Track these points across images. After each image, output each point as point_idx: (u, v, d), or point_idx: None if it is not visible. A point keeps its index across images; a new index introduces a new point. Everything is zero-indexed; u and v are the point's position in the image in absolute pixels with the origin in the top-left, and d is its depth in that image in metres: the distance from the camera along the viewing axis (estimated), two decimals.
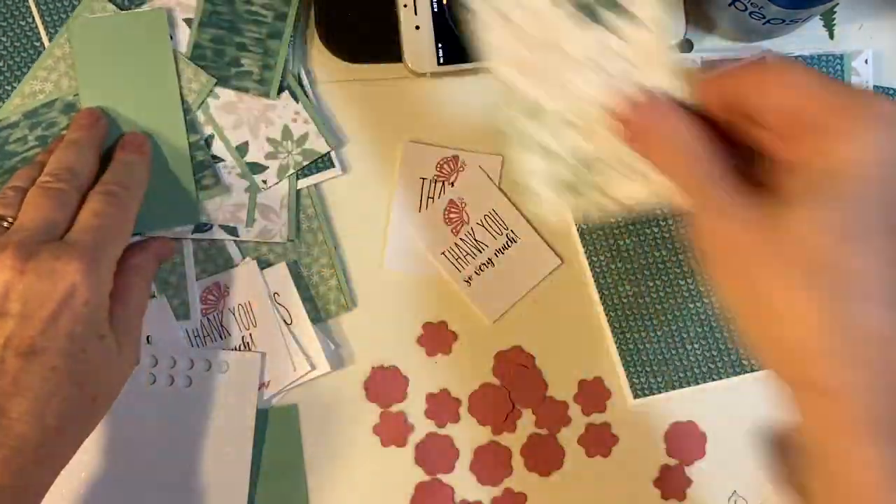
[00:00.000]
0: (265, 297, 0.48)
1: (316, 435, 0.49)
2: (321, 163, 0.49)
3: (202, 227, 0.47)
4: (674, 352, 0.49)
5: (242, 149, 0.48)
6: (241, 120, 0.48)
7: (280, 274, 0.48)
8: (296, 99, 0.48)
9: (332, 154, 0.49)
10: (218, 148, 0.48)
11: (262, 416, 0.48)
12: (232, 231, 0.48)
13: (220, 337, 0.48)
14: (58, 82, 0.47)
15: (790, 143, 0.29)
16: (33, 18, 0.47)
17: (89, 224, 0.41)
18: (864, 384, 0.27)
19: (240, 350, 0.48)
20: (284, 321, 0.48)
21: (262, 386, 0.48)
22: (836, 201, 0.27)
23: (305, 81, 0.49)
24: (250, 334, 0.48)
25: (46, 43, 0.47)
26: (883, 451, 0.27)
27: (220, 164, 0.47)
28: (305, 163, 0.48)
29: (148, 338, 0.48)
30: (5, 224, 0.41)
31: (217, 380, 0.48)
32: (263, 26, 0.47)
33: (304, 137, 0.48)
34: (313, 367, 0.48)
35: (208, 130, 0.48)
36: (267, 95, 0.48)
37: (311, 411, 0.49)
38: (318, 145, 0.48)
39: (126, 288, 0.43)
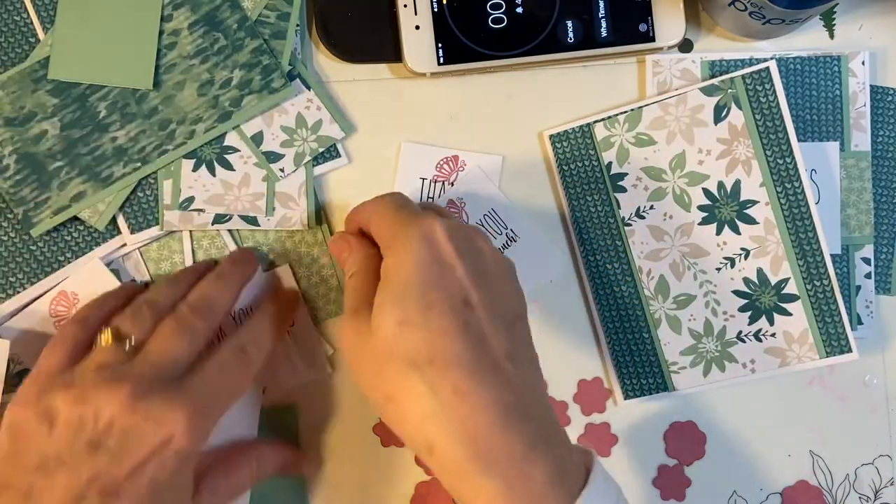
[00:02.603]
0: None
1: (316, 435, 0.49)
2: (327, 153, 0.49)
3: (222, 218, 0.47)
4: (662, 355, 0.49)
5: (257, 138, 0.47)
6: None
7: (284, 276, 0.48)
8: (308, 86, 0.48)
9: (338, 144, 0.49)
10: (232, 138, 0.47)
11: (261, 415, 0.48)
12: (252, 221, 0.47)
13: (219, 340, 0.48)
14: None
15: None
16: (28, 13, 0.47)
17: (213, 379, 0.40)
18: (458, 435, 0.35)
19: None
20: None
21: (263, 389, 0.48)
22: (390, 298, 0.36)
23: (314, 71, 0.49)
24: None
25: (41, 37, 0.47)
26: (491, 480, 0.34)
27: (236, 154, 0.47)
28: (321, 149, 0.48)
29: None
30: (127, 346, 0.40)
31: None
32: (267, 27, 0.47)
33: (319, 124, 0.48)
34: (315, 368, 0.48)
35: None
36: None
37: (312, 411, 0.49)
38: (333, 131, 0.48)
39: (229, 465, 0.42)
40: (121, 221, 0.47)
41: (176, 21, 0.47)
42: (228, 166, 0.47)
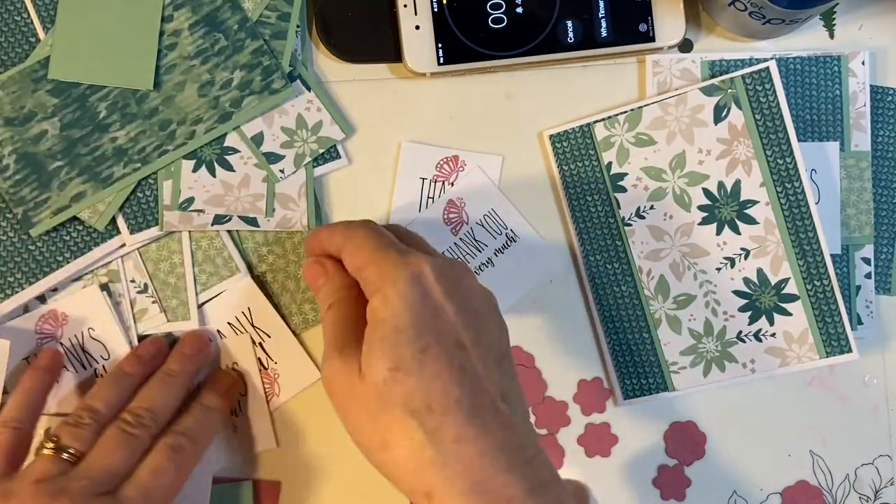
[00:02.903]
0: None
1: (318, 435, 0.49)
2: (327, 154, 0.49)
3: (222, 219, 0.47)
4: (662, 355, 0.49)
5: (258, 139, 0.47)
6: None
7: (251, 293, 0.48)
8: (308, 88, 0.48)
9: (338, 145, 0.49)
10: (233, 139, 0.47)
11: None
12: (251, 222, 0.47)
13: None
14: None
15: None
16: (28, 14, 0.47)
17: (146, 483, 0.41)
18: (460, 484, 0.34)
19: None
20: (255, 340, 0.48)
21: (271, 396, 0.48)
22: (380, 343, 0.35)
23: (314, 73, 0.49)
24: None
25: (42, 37, 0.47)
26: None
27: (236, 155, 0.47)
28: (321, 150, 0.48)
29: None
30: (67, 456, 0.41)
31: None
32: (267, 27, 0.47)
33: (319, 125, 0.48)
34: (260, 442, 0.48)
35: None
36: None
37: (313, 411, 0.49)
38: (333, 132, 0.48)
39: None
40: (120, 222, 0.47)
41: (177, 21, 0.47)
42: (228, 167, 0.47)
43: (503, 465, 0.34)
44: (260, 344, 0.48)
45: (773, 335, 0.49)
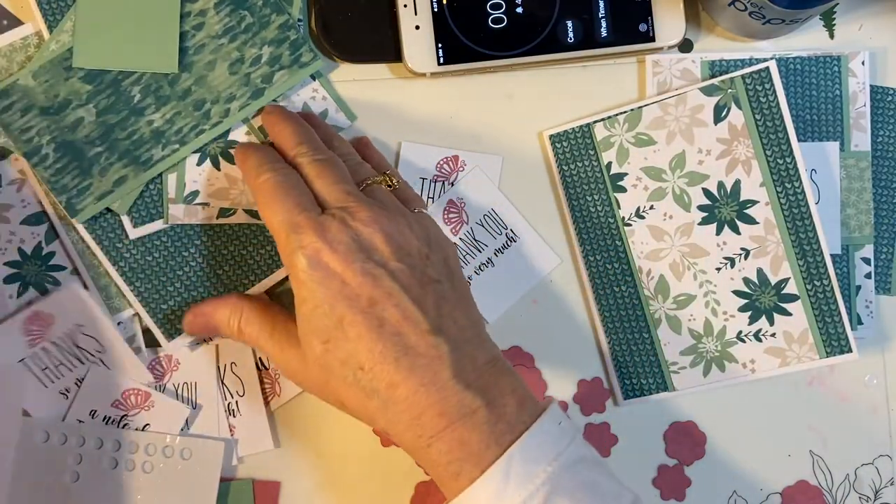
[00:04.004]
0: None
1: (318, 435, 0.49)
2: None
3: (227, 212, 0.47)
4: (662, 355, 0.49)
5: (264, 130, 0.47)
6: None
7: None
8: (313, 77, 0.48)
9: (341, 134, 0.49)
10: (238, 133, 0.47)
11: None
12: (256, 215, 0.47)
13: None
14: None
15: None
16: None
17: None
18: (404, 421, 0.39)
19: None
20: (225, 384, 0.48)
21: (271, 396, 0.48)
22: (307, 322, 0.40)
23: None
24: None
25: (46, 36, 0.47)
26: (436, 452, 0.38)
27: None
28: None
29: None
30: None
31: (179, 465, 0.47)
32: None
33: (325, 114, 0.48)
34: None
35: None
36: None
37: (313, 411, 0.49)
38: (339, 120, 0.48)
39: None
40: (124, 218, 0.47)
41: (201, 1, 0.46)
42: (233, 161, 0.47)
43: (436, 398, 0.38)
44: None
45: (773, 335, 0.49)
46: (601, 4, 0.48)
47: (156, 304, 0.47)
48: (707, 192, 0.49)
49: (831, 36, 0.51)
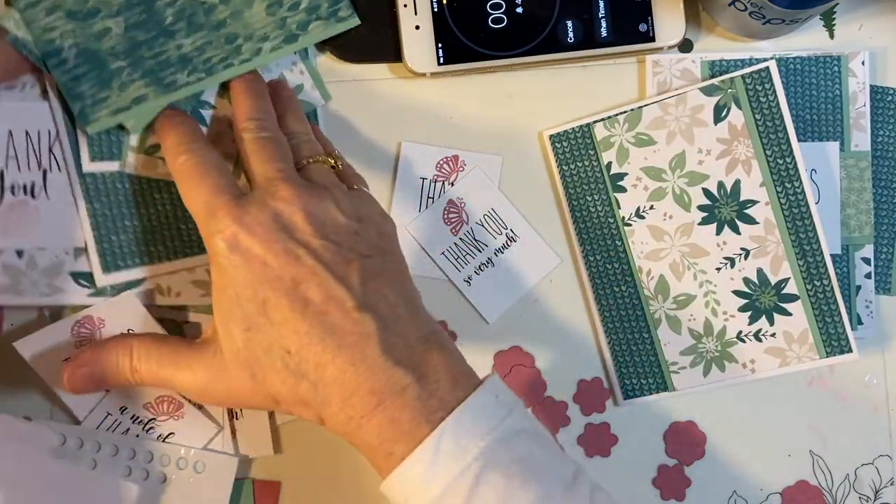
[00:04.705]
0: None
1: (318, 435, 0.49)
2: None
3: None
4: (662, 355, 0.49)
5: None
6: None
7: None
8: (299, 54, 0.48)
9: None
10: (210, 93, 0.46)
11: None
12: None
13: None
14: None
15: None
16: None
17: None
18: (335, 401, 0.37)
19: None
20: None
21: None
22: (229, 312, 0.39)
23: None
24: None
25: None
26: (366, 433, 0.37)
27: (212, 111, 0.46)
28: None
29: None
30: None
31: (192, 478, 0.47)
32: None
33: (300, 88, 0.48)
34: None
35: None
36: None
37: None
38: (314, 98, 0.48)
39: None
40: (83, 145, 0.45)
41: None
42: (202, 120, 0.46)
43: (365, 376, 0.37)
44: None
45: (772, 335, 0.49)
46: (601, 4, 0.48)
47: (107, 231, 0.46)
48: (707, 192, 0.49)
49: (831, 36, 0.51)
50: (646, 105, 0.49)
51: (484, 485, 0.35)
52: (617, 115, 0.49)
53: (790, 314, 0.49)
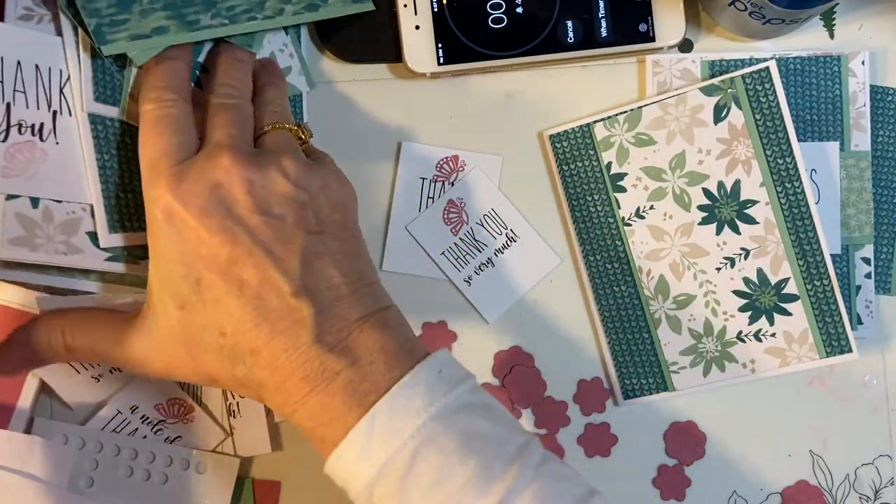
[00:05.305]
0: None
1: None
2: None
3: None
4: (662, 355, 0.49)
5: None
6: None
7: None
8: (286, 31, 0.47)
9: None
10: (204, 56, 0.45)
11: None
12: None
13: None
14: None
15: None
16: None
17: None
18: (271, 385, 0.37)
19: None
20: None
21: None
22: (163, 288, 0.38)
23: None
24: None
25: None
26: (299, 417, 0.37)
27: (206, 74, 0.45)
28: None
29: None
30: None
31: (193, 479, 0.47)
32: None
33: (287, 70, 0.47)
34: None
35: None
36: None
37: None
38: (299, 83, 0.48)
39: None
40: (87, 85, 0.42)
41: None
42: (196, 83, 0.44)
43: (299, 362, 0.36)
44: None
45: (773, 335, 0.49)
46: (601, 4, 0.48)
47: (115, 188, 0.44)
48: (707, 192, 0.49)
49: (831, 36, 0.51)
50: (646, 105, 0.49)
51: (420, 462, 0.34)
52: (617, 115, 0.49)
53: (790, 314, 0.49)
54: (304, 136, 0.42)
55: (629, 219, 0.49)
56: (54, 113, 0.42)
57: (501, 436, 0.36)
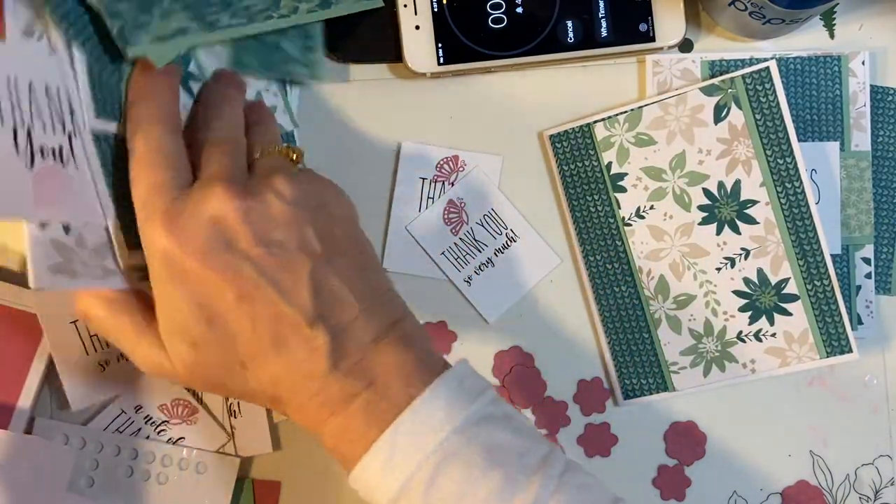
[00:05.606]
0: None
1: None
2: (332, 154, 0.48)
3: None
4: (662, 355, 0.49)
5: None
6: None
7: None
8: (275, 81, 0.47)
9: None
10: (197, 65, 0.45)
11: None
12: None
13: None
14: None
15: None
16: None
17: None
18: (293, 411, 0.38)
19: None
20: None
21: None
22: (172, 328, 0.37)
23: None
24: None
25: None
26: (320, 436, 0.38)
27: (199, 83, 0.44)
28: None
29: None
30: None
31: (192, 479, 0.47)
32: None
33: (273, 109, 0.47)
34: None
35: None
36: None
37: None
38: (284, 122, 0.48)
39: None
40: (87, 101, 0.40)
41: None
42: (189, 93, 0.44)
43: (315, 389, 0.36)
44: None
45: (773, 335, 0.49)
46: (601, 4, 0.48)
47: (130, 204, 0.40)
48: (707, 192, 0.49)
49: (831, 36, 0.51)
50: (646, 105, 0.49)
51: (442, 476, 0.35)
52: (617, 115, 0.49)
53: (790, 314, 0.49)
54: (294, 157, 0.42)
55: (629, 219, 0.49)
56: (69, 135, 0.40)
57: (523, 447, 0.36)
